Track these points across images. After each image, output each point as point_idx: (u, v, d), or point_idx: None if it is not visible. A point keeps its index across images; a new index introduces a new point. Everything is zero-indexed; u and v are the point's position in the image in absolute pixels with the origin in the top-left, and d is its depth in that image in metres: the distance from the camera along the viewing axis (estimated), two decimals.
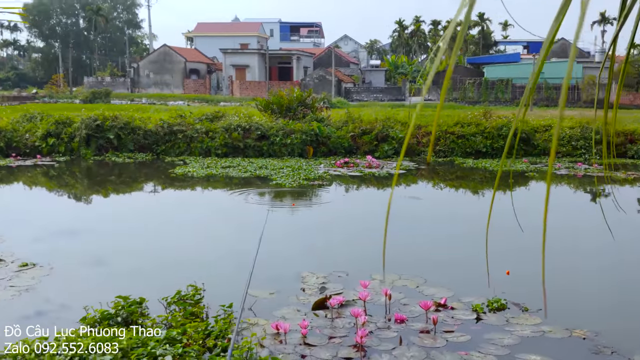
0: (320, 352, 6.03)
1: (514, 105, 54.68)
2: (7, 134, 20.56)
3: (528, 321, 6.85)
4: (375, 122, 22.37)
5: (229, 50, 64.20)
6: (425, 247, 10.54)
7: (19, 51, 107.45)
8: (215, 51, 71.77)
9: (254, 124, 21.30)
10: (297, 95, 24.13)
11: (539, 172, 18.49)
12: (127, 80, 65.82)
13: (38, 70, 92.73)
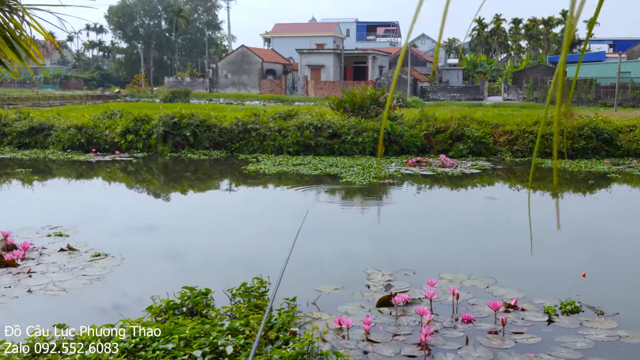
0: (383, 349, 5.93)
1: (598, 105, 52.64)
2: (89, 130, 21.40)
3: (603, 325, 6.52)
4: (450, 120, 21.95)
5: (304, 50, 64.68)
6: (498, 248, 10.23)
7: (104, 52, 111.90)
8: (291, 52, 72.48)
9: (326, 122, 21.33)
10: (370, 94, 24.01)
11: (621, 173, 17.66)
12: (205, 80, 67.38)
13: (121, 71, 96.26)
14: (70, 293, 7.45)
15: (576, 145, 20.64)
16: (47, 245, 9.46)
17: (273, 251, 9.60)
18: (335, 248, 9.99)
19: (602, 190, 15.85)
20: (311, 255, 9.59)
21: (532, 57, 77.39)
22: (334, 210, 13.20)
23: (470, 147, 20.88)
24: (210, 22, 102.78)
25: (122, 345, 5.43)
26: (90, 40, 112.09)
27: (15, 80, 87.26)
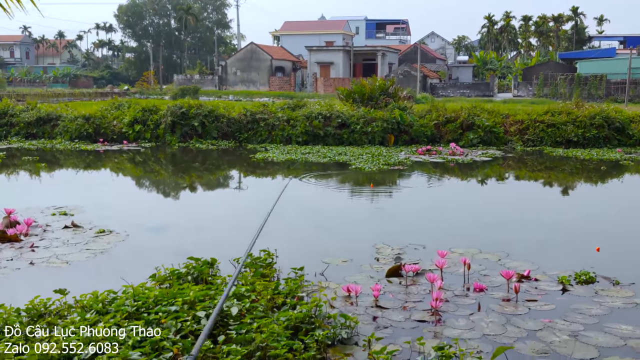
0: (392, 314, 5.77)
1: (609, 101, 52.23)
2: (96, 120, 21.33)
3: (619, 294, 6.33)
4: (460, 110, 21.74)
5: (314, 47, 64.55)
6: (510, 226, 10.03)
7: (113, 51, 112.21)
8: (300, 49, 72.37)
9: (335, 112, 21.16)
10: (380, 84, 23.83)
11: (634, 161, 17.40)
12: (214, 77, 67.38)
13: (131, 70, 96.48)
14: (73, 265, 7.34)
15: (587, 134, 20.37)
16: (52, 223, 9.35)
17: (279, 229, 9.45)
18: (343, 227, 9.83)
19: (614, 174, 15.63)
20: (319, 233, 9.46)
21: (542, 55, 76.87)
22: (342, 194, 13.04)
23: (480, 137, 20.64)
24: (220, 20, 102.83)
25: (124, 309, 5.28)
26: (99, 39, 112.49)
27: (25, 79, 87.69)
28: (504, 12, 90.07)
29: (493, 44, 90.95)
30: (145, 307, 5.34)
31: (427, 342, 4.98)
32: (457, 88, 62.16)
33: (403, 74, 61.06)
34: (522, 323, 5.56)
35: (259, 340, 4.64)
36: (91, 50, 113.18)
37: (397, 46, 78.66)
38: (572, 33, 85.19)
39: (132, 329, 4.75)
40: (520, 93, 60.99)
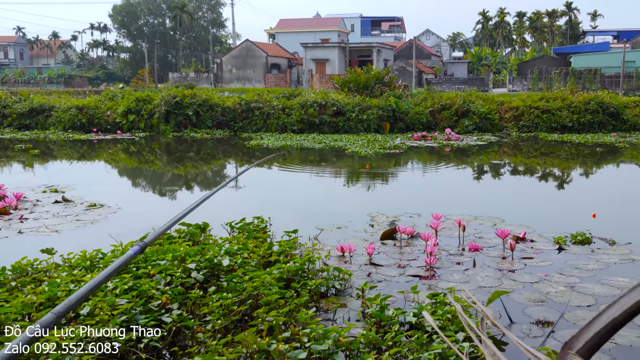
0: (386, 270, 5.69)
1: None
2: (90, 110, 21.21)
3: (616, 251, 6.26)
4: (456, 97, 21.68)
5: (309, 44, 64.40)
6: (505, 197, 9.96)
7: (108, 51, 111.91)
8: (296, 47, 72.22)
9: (330, 100, 21.08)
10: (375, 73, 23.77)
11: (629, 144, 17.36)
12: (210, 75, 67.19)
13: (126, 70, 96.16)
14: (62, 234, 7.23)
15: (582, 119, 20.33)
16: (42, 199, 9.25)
17: (273, 200, 9.36)
18: (338, 200, 9.76)
19: (610, 155, 15.58)
20: (314, 205, 9.38)
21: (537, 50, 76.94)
22: (339, 173, 12.97)
23: (475, 123, 20.58)
24: (215, 20, 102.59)
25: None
26: (94, 40, 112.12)
27: (19, 80, 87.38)
28: (499, 9, 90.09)
29: (488, 40, 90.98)
30: (134, 262, 5.25)
31: (421, 292, 4.90)
32: (452, 83, 62.11)
33: (398, 69, 60.99)
34: (518, 277, 5.48)
35: (250, 289, 4.55)
36: (86, 51, 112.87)
37: (392, 43, 78.58)
38: (566, 28, 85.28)
39: (120, 280, 4.66)
40: (515, 88, 60.95)
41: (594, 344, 1.00)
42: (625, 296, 1.00)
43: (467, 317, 1.55)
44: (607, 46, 66.96)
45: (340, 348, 3.72)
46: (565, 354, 1.02)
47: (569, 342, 1.05)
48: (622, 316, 0.98)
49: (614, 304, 1.01)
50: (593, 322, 1.03)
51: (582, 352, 1.00)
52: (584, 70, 57.28)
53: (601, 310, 1.04)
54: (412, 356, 3.62)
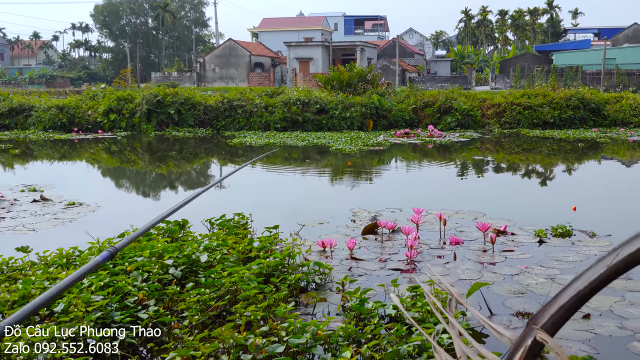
0: (367, 264, 5.66)
1: None
2: (70, 110, 21.00)
3: (596, 243, 6.27)
4: (438, 94, 21.72)
5: (292, 43, 64.26)
6: (487, 192, 9.98)
7: (90, 51, 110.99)
8: (279, 46, 72.05)
9: (313, 98, 21.02)
10: (358, 71, 23.75)
11: (611, 139, 17.49)
12: (193, 74, 66.85)
13: (108, 70, 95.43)
14: (40, 232, 7.12)
15: (564, 115, 20.45)
16: (20, 198, 9.11)
17: (254, 198, 9.31)
18: (320, 196, 9.72)
19: (591, 150, 15.67)
20: (295, 201, 9.33)
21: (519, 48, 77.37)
22: (322, 170, 12.92)
23: (458, 120, 20.63)
24: (198, 19, 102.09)
25: (89, 261, 5.10)
26: (76, 40, 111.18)
27: (0, 80, 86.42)
28: (481, 7, 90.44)
29: (470, 38, 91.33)
30: (112, 259, 5.17)
31: (401, 285, 4.87)
32: (435, 81, 62.26)
33: (382, 68, 61.05)
34: (498, 269, 5.47)
35: (228, 284, 4.49)
36: (67, 51, 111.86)
37: (375, 42, 78.65)
38: (547, 26, 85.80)
39: (96, 277, 4.58)
40: (497, 85, 61.25)
41: (558, 318, 0.96)
42: (590, 269, 0.97)
43: (434, 298, 1.52)
44: (588, 44, 67.49)
45: (318, 341, 3.68)
46: (530, 330, 0.99)
47: (534, 317, 1.01)
48: (587, 289, 0.95)
49: (579, 278, 0.98)
50: (558, 296, 1.00)
51: (546, 327, 0.97)
52: (566, 67, 57.68)
53: (566, 284, 1.01)
54: (391, 348, 3.59)
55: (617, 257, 0.94)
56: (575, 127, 20.35)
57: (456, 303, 1.49)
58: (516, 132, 19.85)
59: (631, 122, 20.61)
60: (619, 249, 0.95)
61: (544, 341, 0.95)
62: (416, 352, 3.59)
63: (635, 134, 18.57)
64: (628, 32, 68.08)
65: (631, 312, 4.39)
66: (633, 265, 0.93)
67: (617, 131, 19.40)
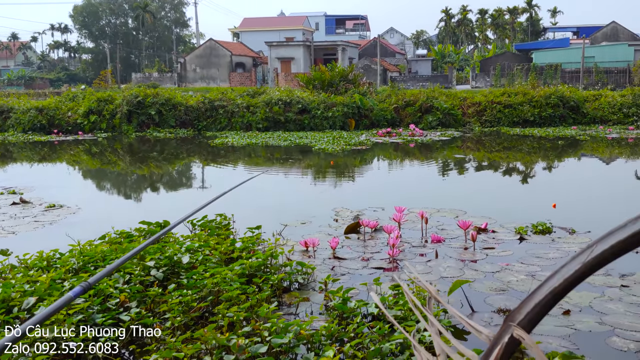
0: (350, 264, 5.67)
1: None
2: (50, 112, 20.81)
3: (576, 240, 6.34)
4: (419, 94, 21.82)
5: (274, 42, 64.18)
6: (467, 191, 10.04)
7: (70, 52, 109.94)
8: (260, 45, 71.89)
9: (295, 98, 21.02)
10: (339, 71, 23.78)
11: (590, 136, 17.68)
12: (174, 75, 66.52)
13: (88, 71, 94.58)
14: (20, 235, 7.05)
15: (543, 113, 20.65)
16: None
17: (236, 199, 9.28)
18: (303, 196, 9.72)
19: (571, 147, 15.83)
20: (278, 202, 9.32)
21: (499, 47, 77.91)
22: (305, 170, 12.93)
23: (439, 119, 20.74)
24: (178, 19, 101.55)
25: (70, 264, 5.07)
26: (55, 41, 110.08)
27: None
28: (461, 6, 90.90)
29: (451, 37, 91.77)
30: (92, 261, 5.14)
31: (384, 284, 4.89)
32: (416, 81, 62.50)
33: (363, 67, 61.15)
34: (479, 267, 5.51)
35: (211, 285, 4.48)
36: (47, 52, 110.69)
37: (356, 41, 78.79)
38: (527, 25, 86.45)
39: (77, 280, 4.55)
40: (478, 84, 61.61)
41: (534, 315, 0.98)
42: (565, 266, 0.99)
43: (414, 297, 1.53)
44: (567, 42, 68.14)
45: (301, 341, 3.68)
46: (507, 327, 1.00)
47: (510, 314, 1.02)
48: (562, 286, 0.96)
49: (555, 275, 0.99)
50: (534, 293, 1.01)
51: (523, 324, 0.98)
52: (545, 66, 58.16)
53: (542, 282, 1.02)
54: (373, 347, 3.60)
55: (591, 253, 0.95)
56: (555, 125, 20.55)
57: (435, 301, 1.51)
58: (497, 131, 20.00)
59: (610, 120, 20.85)
60: (593, 246, 0.96)
61: (520, 338, 0.97)
62: (398, 350, 3.61)
63: (614, 131, 18.78)
64: (606, 30, 68.85)
65: (610, 307, 4.45)
66: (607, 262, 0.94)
67: (596, 129, 19.62)
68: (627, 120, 20.71)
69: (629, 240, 0.91)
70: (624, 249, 0.92)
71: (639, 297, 4.65)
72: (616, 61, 53.65)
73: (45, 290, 4.40)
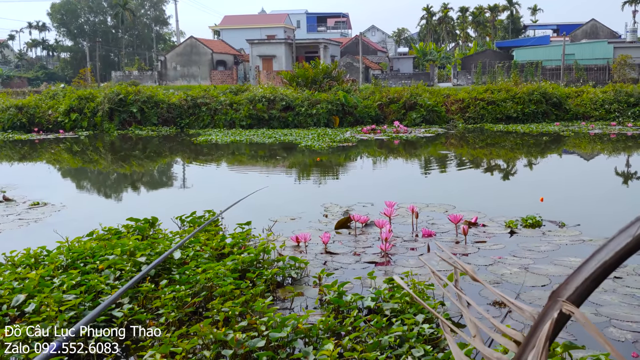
0: (342, 258, 5.64)
1: None
2: (30, 110, 20.53)
3: (566, 233, 6.36)
4: (403, 91, 21.85)
5: (255, 40, 63.97)
6: (456, 186, 10.05)
7: (48, 51, 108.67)
8: (242, 43, 71.65)
9: (279, 95, 20.94)
10: (323, 68, 23.72)
11: (573, 132, 17.82)
12: (154, 73, 66.02)
13: (67, 69, 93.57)
14: (4, 234, 6.93)
15: (526, 109, 20.76)
16: None
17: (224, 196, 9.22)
18: (291, 192, 9.67)
19: (555, 142, 15.93)
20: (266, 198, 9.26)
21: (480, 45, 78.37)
22: (291, 167, 12.87)
23: (423, 116, 20.78)
24: (158, 17, 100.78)
25: (59, 261, 4.98)
26: (33, 39, 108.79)
27: None
28: (442, 4, 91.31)
29: (432, 35, 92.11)
30: (81, 258, 5.05)
31: (378, 278, 4.86)
32: (398, 78, 62.62)
33: (345, 65, 61.16)
34: (472, 260, 5.51)
35: (204, 280, 4.42)
36: (24, 51, 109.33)
37: (338, 39, 78.75)
38: (507, 22, 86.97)
39: (67, 276, 4.46)
40: (459, 82, 61.89)
41: (585, 289, 0.94)
42: (614, 239, 0.95)
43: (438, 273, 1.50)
44: (548, 40, 68.64)
45: (299, 335, 3.64)
46: (555, 302, 0.96)
47: (556, 290, 0.99)
48: (613, 259, 0.93)
49: (603, 248, 0.96)
50: (580, 269, 0.98)
51: (572, 299, 0.95)
52: (526, 63, 58.54)
53: (588, 257, 0.99)
54: (372, 340, 3.57)
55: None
56: (537, 121, 20.69)
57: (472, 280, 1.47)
58: (480, 127, 20.09)
59: (592, 116, 21.03)
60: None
61: (570, 313, 0.93)
62: (397, 342, 3.58)
63: (597, 127, 18.94)
64: (586, 28, 69.51)
65: (605, 299, 4.46)
66: None
67: (578, 125, 19.79)
68: (609, 116, 20.91)
69: None
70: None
71: (632, 289, 4.67)
72: (596, 58, 54.18)
73: (35, 287, 4.31)
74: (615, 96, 21.39)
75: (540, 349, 0.94)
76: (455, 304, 1.36)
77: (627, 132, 17.67)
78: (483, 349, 1.16)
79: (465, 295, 1.44)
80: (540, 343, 0.94)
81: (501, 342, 1.16)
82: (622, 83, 24.95)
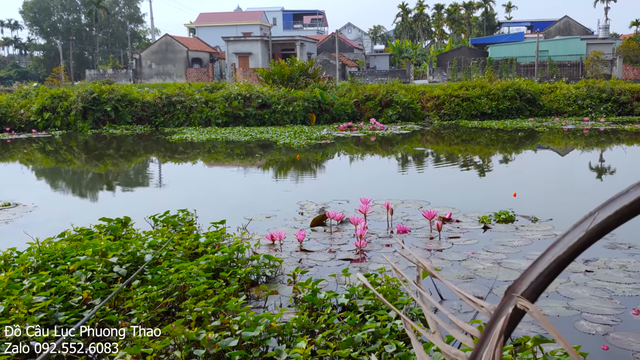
0: (317, 256, 5.63)
1: None
2: (2, 109, 20.23)
3: (539, 228, 6.42)
4: (379, 88, 21.91)
5: (231, 38, 63.71)
6: (430, 184, 10.11)
7: (20, 49, 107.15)
8: (217, 41, 71.28)
9: (255, 93, 20.88)
10: (299, 65, 23.70)
11: (547, 128, 18.01)
12: (129, 71, 65.44)
13: (40, 68, 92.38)
14: None
15: (501, 106, 20.95)
16: None
17: (200, 198, 9.16)
18: (267, 190, 9.64)
19: (529, 138, 16.08)
20: (242, 197, 9.23)
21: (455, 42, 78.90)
22: (267, 165, 12.84)
23: (399, 113, 20.86)
24: (132, 15, 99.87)
25: (29, 262, 4.90)
26: (4, 37, 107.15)
27: None
28: (417, 1, 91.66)
29: (408, 33, 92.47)
30: (52, 259, 4.98)
31: (352, 275, 4.86)
32: (375, 76, 62.78)
33: (322, 63, 61.15)
34: (446, 255, 5.53)
35: (176, 280, 4.39)
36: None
37: (315, 36, 78.74)
38: (482, 20, 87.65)
39: (38, 278, 4.39)
40: (435, 79, 62.22)
41: (539, 284, 0.95)
42: (568, 234, 0.96)
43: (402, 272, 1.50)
44: (522, 36, 69.33)
45: (272, 333, 3.63)
46: (510, 298, 0.97)
47: (512, 286, 0.99)
48: (567, 254, 0.93)
49: (557, 243, 0.96)
50: (535, 264, 0.98)
51: (527, 294, 0.95)
52: (501, 60, 59.03)
53: (542, 252, 0.99)
54: (345, 337, 3.57)
55: (594, 221, 0.93)
56: (512, 117, 20.88)
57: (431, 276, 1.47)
58: (455, 124, 20.21)
59: (565, 112, 21.28)
60: (595, 213, 0.93)
61: (525, 308, 0.94)
62: (370, 339, 3.58)
63: (570, 122, 19.16)
64: (559, 24, 70.26)
65: (576, 292, 4.51)
66: (610, 229, 0.92)
67: (552, 120, 20.00)
68: (582, 112, 21.17)
69: (634, 206, 0.88)
70: (628, 214, 0.90)
71: (603, 282, 4.73)
72: (569, 55, 54.83)
73: (4, 289, 4.24)
74: (588, 92, 21.66)
75: (494, 345, 0.94)
76: (416, 300, 1.35)
77: (599, 128, 17.91)
78: (442, 345, 1.16)
79: (424, 291, 1.44)
80: (494, 339, 0.94)
81: (460, 339, 1.16)
82: (594, 79, 25.32)
